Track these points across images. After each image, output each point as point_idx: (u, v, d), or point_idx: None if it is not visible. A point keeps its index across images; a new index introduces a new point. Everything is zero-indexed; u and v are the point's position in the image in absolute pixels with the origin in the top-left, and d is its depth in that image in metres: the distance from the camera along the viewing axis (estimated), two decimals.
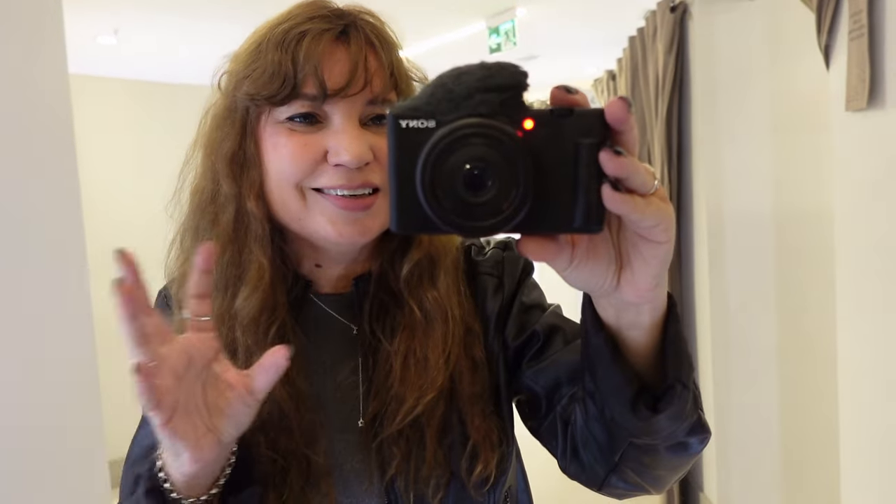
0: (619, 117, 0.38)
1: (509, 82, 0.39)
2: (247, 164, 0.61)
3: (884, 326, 1.47)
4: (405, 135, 0.38)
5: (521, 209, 0.38)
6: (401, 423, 0.61)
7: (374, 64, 0.60)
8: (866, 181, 1.52)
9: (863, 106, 1.44)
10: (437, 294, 0.64)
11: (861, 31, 1.42)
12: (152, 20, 3.37)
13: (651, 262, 0.42)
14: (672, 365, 0.48)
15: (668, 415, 0.48)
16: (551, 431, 0.62)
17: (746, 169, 2.45)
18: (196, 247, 0.61)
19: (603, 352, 0.48)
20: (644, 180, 0.39)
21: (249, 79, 0.59)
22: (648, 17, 2.72)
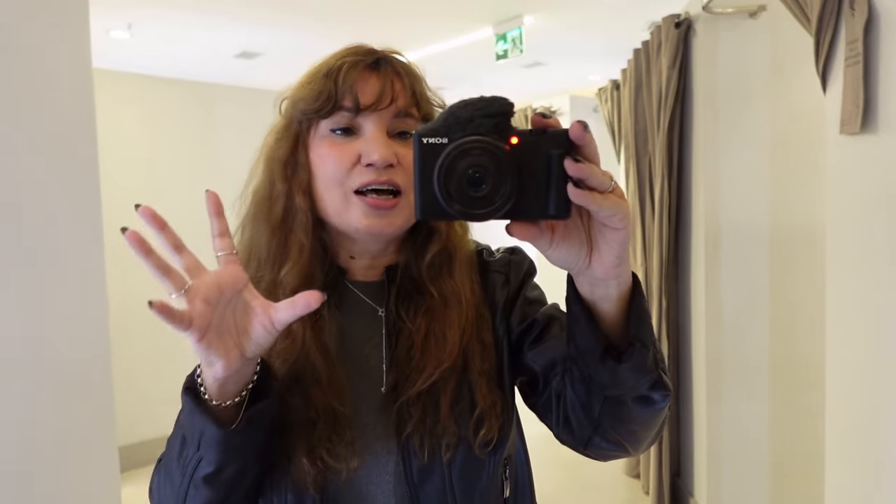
0: (578, 136, 0.52)
1: (500, 110, 0.53)
2: (297, 167, 0.75)
3: (871, 345, 1.52)
4: (426, 148, 0.52)
5: (508, 201, 0.52)
6: (420, 387, 0.72)
7: (399, 86, 0.74)
8: (857, 202, 1.57)
9: (856, 130, 1.49)
10: (454, 282, 0.77)
11: (857, 58, 1.47)
12: (165, 15, 3.41)
13: (613, 245, 0.55)
14: (634, 327, 0.60)
15: (630, 366, 0.60)
16: (547, 405, 0.73)
17: (744, 183, 2.50)
18: (252, 234, 0.77)
19: (580, 318, 0.61)
20: (601, 181, 0.52)
21: (303, 100, 0.74)
22: (653, 30, 2.77)
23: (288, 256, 0.75)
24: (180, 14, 3.39)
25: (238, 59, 4.24)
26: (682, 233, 2.76)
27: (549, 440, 0.77)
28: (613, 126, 3.57)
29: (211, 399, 0.62)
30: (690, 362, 2.74)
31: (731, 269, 2.51)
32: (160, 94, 4.25)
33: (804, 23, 1.67)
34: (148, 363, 3.57)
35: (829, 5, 1.56)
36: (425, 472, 0.71)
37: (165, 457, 0.70)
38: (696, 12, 2.48)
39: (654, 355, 0.62)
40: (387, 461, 0.72)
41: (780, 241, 2.49)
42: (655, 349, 0.63)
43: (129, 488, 2.03)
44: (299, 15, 3.46)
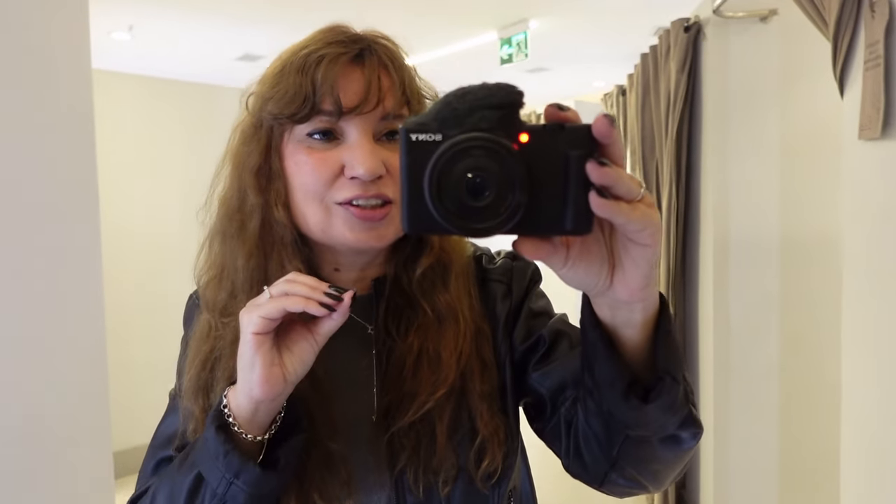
0: (604, 132, 0.43)
1: (507, 101, 0.44)
2: (272, 176, 0.66)
3: (890, 358, 1.48)
4: (415, 147, 0.43)
5: (517, 213, 0.43)
6: (413, 416, 0.64)
7: (386, 83, 0.65)
8: (878, 210, 1.52)
9: (876, 135, 1.45)
10: (449, 296, 0.69)
11: (877, 61, 1.43)
12: (167, 17, 3.38)
13: (640, 264, 0.46)
14: (662, 359, 0.52)
15: (659, 405, 0.52)
16: (555, 433, 0.65)
17: (754, 190, 2.46)
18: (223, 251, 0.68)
19: (599, 347, 0.52)
20: (629, 188, 0.43)
21: (273, 100, 0.64)
22: (662, 35, 2.74)
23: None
24: (182, 16, 3.36)
25: (240, 61, 4.21)
26: (690, 240, 2.71)
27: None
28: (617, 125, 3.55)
29: (243, 432, 0.57)
30: (698, 371, 2.69)
31: (740, 277, 2.47)
32: (161, 95, 4.21)
33: (821, 26, 1.63)
34: (143, 369, 3.52)
35: (847, 7, 1.52)
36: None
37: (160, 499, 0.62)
38: (706, 16, 2.45)
39: (684, 389, 0.54)
40: (379, 497, 0.66)
41: (791, 249, 2.45)
42: (686, 381, 0.55)
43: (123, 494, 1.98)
44: (302, 18, 3.43)
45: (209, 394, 0.65)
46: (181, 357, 0.72)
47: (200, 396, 0.66)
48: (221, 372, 0.65)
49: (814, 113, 2.34)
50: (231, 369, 0.64)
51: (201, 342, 0.68)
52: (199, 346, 0.68)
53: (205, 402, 0.65)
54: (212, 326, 0.67)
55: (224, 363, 0.65)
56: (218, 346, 0.66)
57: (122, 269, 3.57)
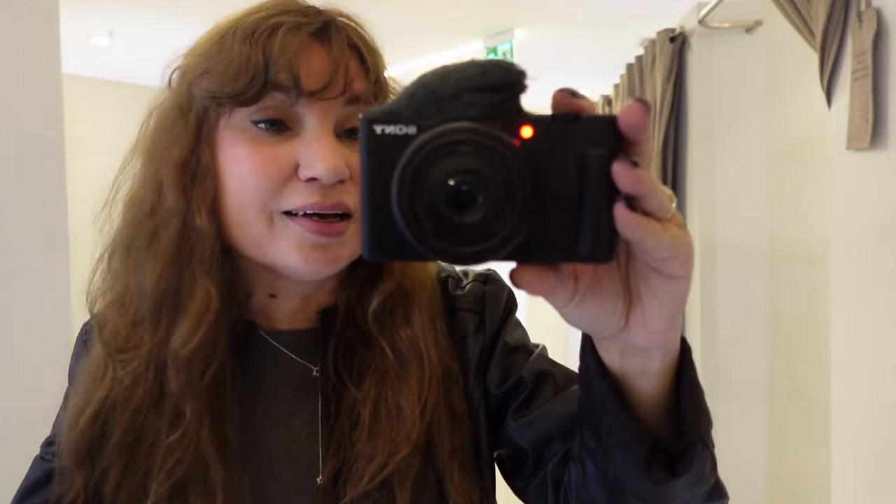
0: (637, 124, 0.32)
1: (504, 81, 0.33)
2: (199, 173, 0.52)
3: (880, 366, 1.46)
4: (380, 143, 0.32)
5: (516, 233, 0.32)
6: (368, 485, 0.52)
7: (354, 66, 0.53)
8: (867, 220, 1.52)
9: (865, 145, 1.44)
10: (412, 332, 0.56)
11: (865, 71, 1.43)
12: (147, 23, 3.33)
13: (665, 300, 0.36)
14: (690, 419, 0.42)
15: (688, 478, 0.42)
16: (540, 493, 0.54)
17: (740, 200, 2.46)
18: (126, 268, 0.54)
19: (608, 402, 0.41)
20: (661, 202, 0.33)
21: (210, 74, 0.51)
22: (647, 45, 2.74)
23: (184, 309, 0.52)
24: (163, 21, 3.32)
25: None
26: None
27: None
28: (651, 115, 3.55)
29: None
30: None
31: (727, 288, 2.46)
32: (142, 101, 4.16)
33: (808, 37, 1.63)
34: None
35: (834, 18, 1.52)
36: None
37: None
38: (692, 27, 2.45)
39: (712, 454, 0.45)
40: None
41: (777, 259, 2.44)
42: (712, 443, 0.45)
43: None
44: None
45: (95, 458, 0.53)
46: (63, 404, 0.59)
47: (85, 461, 0.53)
48: (114, 427, 0.52)
49: (798, 123, 2.34)
50: (128, 426, 0.52)
51: (92, 385, 0.54)
52: (89, 392, 0.54)
53: (89, 469, 0.53)
54: (107, 366, 0.54)
55: (119, 415, 0.52)
56: (113, 394, 0.53)
57: None
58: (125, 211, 0.56)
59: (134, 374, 0.53)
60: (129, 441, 0.52)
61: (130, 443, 0.52)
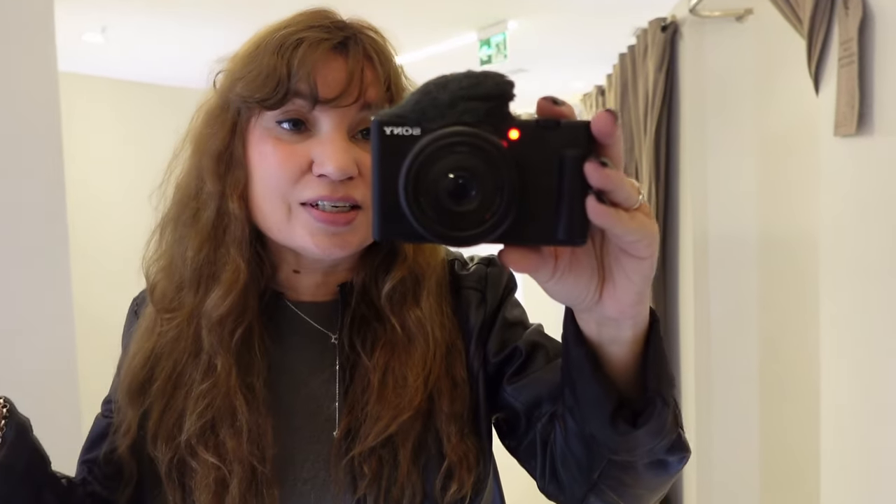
0: (606, 130, 0.38)
1: (494, 91, 0.39)
2: (233, 164, 0.61)
3: (868, 354, 1.48)
4: (389, 142, 0.38)
5: (504, 220, 0.38)
6: (373, 442, 0.60)
7: (370, 76, 0.60)
8: (853, 206, 1.53)
9: (851, 132, 1.45)
10: (420, 313, 0.64)
11: (851, 58, 1.44)
12: (140, 20, 3.33)
13: (633, 278, 0.42)
14: (653, 379, 0.48)
15: (648, 430, 0.48)
16: (530, 451, 0.61)
17: (732, 188, 2.47)
18: (174, 240, 0.63)
19: (583, 365, 0.48)
20: (629, 194, 0.39)
21: (244, 80, 0.59)
22: (639, 35, 2.75)
23: (216, 278, 0.61)
24: (156, 18, 3.31)
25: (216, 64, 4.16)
26: (669, 239, 2.72)
27: None
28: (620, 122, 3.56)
29: None
30: (679, 374, 2.70)
31: (720, 276, 2.48)
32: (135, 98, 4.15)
33: (795, 24, 1.64)
34: None
35: (821, 5, 1.53)
36: None
37: None
38: (683, 16, 2.46)
39: (674, 412, 0.51)
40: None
41: (769, 247, 2.46)
42: (675, 402, 0.51)
43: None
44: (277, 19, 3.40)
45: (144, 396, 0.62)
46: (117, 371, 0.69)
47: (135, 398, 0.62)
48: (159, 371, 0.62)
49: (790, 110, 2.35)
50: (170, 371, 0.62)
51: (143, 339, 0.64)
52: (140, 343, 0.64)
53: (139, 404, 0.62)
54: (156, 322, 0.64)
55: (163, 363, 0.62)
56: (159, 344, 0.63)
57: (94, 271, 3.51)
58: (175, 192, 0.65)
59: (177, 330, 0.62)
60: (170, 386, 0.62)
61: (171, 387, 0.62)
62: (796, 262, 2.31)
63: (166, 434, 0.61)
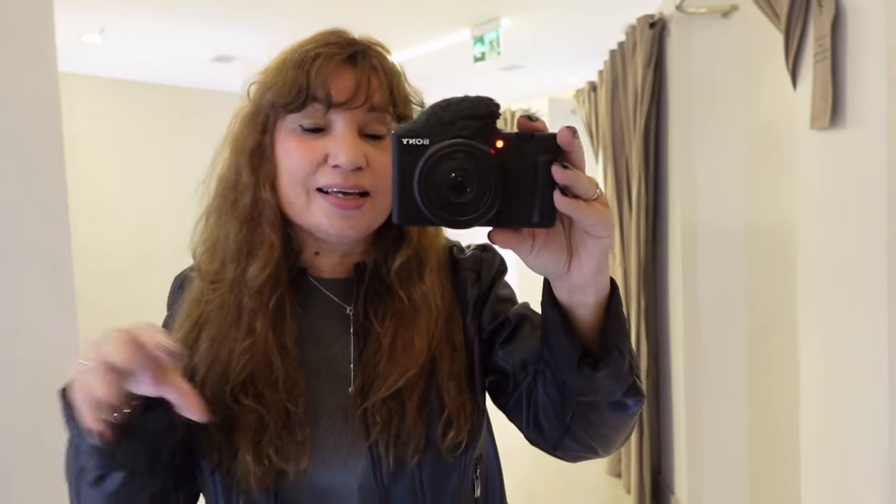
0: (566, 141, 0.51)
1: (485, 112, 0.51)
2: (264, 158, 0.73)
3: (842, 337, 1.54)
4: (406, 150, 0.50)
5: (492, 208, 0.50)
6: (385, 393, 0.70)
7: (375, 83, 0.72)
8: (828, 197, 1.59)
9: (826, 125, 1.51)
10: (424, 287, 0.75)
11: (825, 54, 1.49)
12: (139, 19, 3.37)
13: (594, 253, 0.54)
14: (610, 334, 0.59)
15: (607, 373, 0.60)
16: (517, 406, 0.72)
17: (720, 181, 2.52)
18: (217, 225, 0.76)
19: (556, 324, 0.60)
20: (587, 188, 0.51)
21: (272, 90, 0.71)
22: (628, 31, 2.79)
23: (255, 255, 0.73)
24: (154, 18, 3.36)
25: (214, 62, 4.20)
26: (659, 232, 2.77)
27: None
28: (591, 128, 3.59)
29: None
30: (669, 361, 2.76)
31: (708, 267, 2.53)
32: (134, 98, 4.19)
33: (774, 20, 1.69)
34: None
35: (797, 2, 1.58)
36: (395, 476, 0.70)
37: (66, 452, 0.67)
38: (670, 12, 2.51)
39: (629, 362, 0.61)
40: (355, 463, 0.71)
41: (755, 239, 2.51)
42: (631, 356, 0.62)
43: None
44: (275, 18, 3.44)
45: (191, 355, 0.72)
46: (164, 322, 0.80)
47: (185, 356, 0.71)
48: (206, 333, 0.73)
49: (775, 105, 2.40)
50: (215, 333, 0.72)
51: (192, 307, 0.75)
52: (189, 310, 0.75)
53: (186, 362, 0.72)
54: (203, 293, 0.75)
55: (209, 327, 0.73)
56: (206, 311, 0.74)
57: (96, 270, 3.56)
58: (217, 185, 0.76)
59: (221, 299, 0.73)
60: (216, 345, 0.72)
61: (216, 346, 0.72)
62: (782, 252, 2.37)
63: (213, 387, 0.70)
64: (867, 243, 1.41)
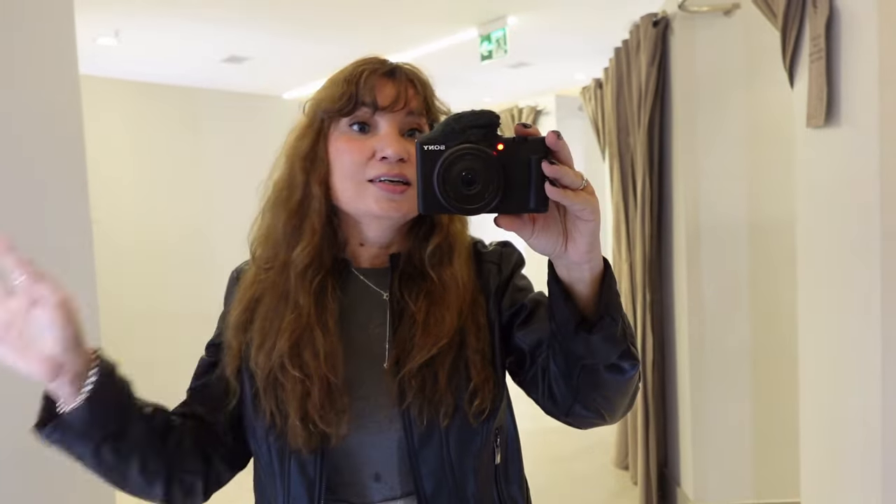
0: (553, 143, 0.63)
1: (489, 122, 0.64)
2: (317, 160, 0.84)
3: (839, 329, 1.58)
4: (427, 154, 0.63)
5: (496, 198, 0.62)
6: (420, 361, 0.80)
7: (412, 92, 0.85)
8: (824, 192, 1.62)
9: (821, 123, 1.54)
10: (453, 269, 0.86)
11: (820, 53, 1.52)
12: (153, 21, 3.44)
13: (584, 234, 0.65)
14: (603, 303, 0.69)
15: (601, 337, 0.69)
16: (534, 380, 0.81)
17: (722, 178, 2.55)
18: (272, 217, 0.86)
19: (558, 297, 0.70)
20: (572, 180, 0.62)
21: (325, 100, 0.84)
22: (632, 29, 2.82)
23: (300, 238, 0.83)
24: (167, 20, 3.42)
25: (226, 63, 4.27)
26: (664, 228, 2.81)
27: (541, 436, 0.83)
28: (598, 124, 3.62)
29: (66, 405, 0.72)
30: (674, 354, 2.79)
31: (712, 262, 2.57)
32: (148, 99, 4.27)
33: (772, 19, 1.72)
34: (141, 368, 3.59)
35: (793, 3, 1.61)
36: (424, 438, 0.80)
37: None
38: (673, 11, 2.54)
39: (622, 328, 0.70)
40: (389, 428, 0.81)
41: (758, 234, 2.54)
42: (624, 323, 0.71)
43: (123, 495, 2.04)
44: (286, 19, 3.50)
45: (247, 331, 0.84)
46: (221, 317, 0.92)
47: (240, 332, 0.84)
48: (259, 310, 0.84)
49: (776, 102, 2.43)
50: (267, 309, 0.83)
51: (247, 289, 0.86)
52: (244, 292, 0.86)
53: (242, 337, 0.84)
54: (257, 276, 0.86)
55: (262, 304, 0.84)
56: (259, 290, 0.85)
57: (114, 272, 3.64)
58: (273, 186, 0.88)
59: (272, 280, 0.84)
60: (267, 321, 0.83)
61: (268, 322, 0.82)
62: (784, 246, 2.40)
63: (265, 356, 0.81)
64: (861, 238, 1.45)
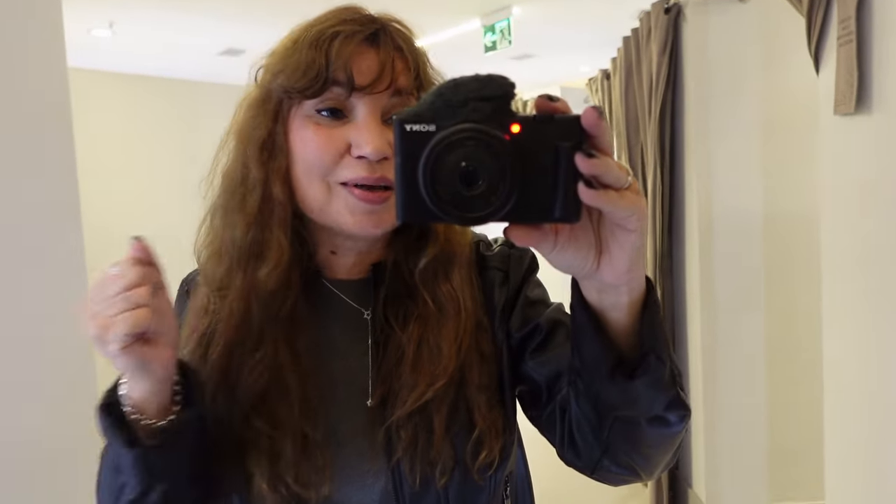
0: (592, 123, 0.43)
1: (498, 92, 0.44)
2: (275, 150, 0.65)
3: (868, 329, 1.50)
4: (409, 137, 0.43)
5: (508, 201, 0.43)
6: (411, 407, 0.64)
7: (400, 65, 0.64)
8: (853, 184, 1.55)
9: (850, 110, 1.47)
10: (451, 288, 0.68)
11: (850, 37, 1.45)
12: (148, 13, 3.36)
13: (626, 248, 0.47)
14: (647, 338, 0.53)
15: (643, 382, 0.53)
16: (551, 420, 0.65)
17: (737, 169, 2.48)
18: (223, 225, 0.68)
19: (587, 328, 0.53)
20: (617, 177, 0.44)
21: (284, 73, 0.63)
22: (643, 17, 2.74)
23: (264, 258, 0.65)
24: (163, 11, 3.34)
25: (222, 55, 4.19)
26: (675, 221, 2.74)
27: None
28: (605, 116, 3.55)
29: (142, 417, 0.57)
30: (686, 353, 2.73)
31: (726, 257, 2.50)
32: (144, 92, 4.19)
33: (795, 3, 1.65)
34: None
35: None
36: (419, 498, 0.64)
37: (99, 474, 0.64)
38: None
39: (670, 370, 0.54)
40: (374, 482, 0.65)
41: (774, 228, 2.47)
42: (672, 363, 0.55)
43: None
44: (284, 10, 3.42)
45: (201, 372, 0.65)
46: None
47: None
48: (214, 347, 0.66)
49: (793, 90, 2.36)
50: (222, 346, 0.65)
51: (197, 318, 0.68)
52: (196, 321, 0.68)
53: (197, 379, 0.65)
54: (209, 300, 0.68)
55: (217, 339, 0.66)
56: (213, 322, 0.67)
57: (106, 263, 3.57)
58: (222, 180, 0.68)
59: (228, 308, 0.66)
60: (224, 362, 0.65)
61: (225, 363, 0.65)
62: (802, 239, 2.33)
63: (223, 405, 0.64)
64: (891, 229, 1.38)
